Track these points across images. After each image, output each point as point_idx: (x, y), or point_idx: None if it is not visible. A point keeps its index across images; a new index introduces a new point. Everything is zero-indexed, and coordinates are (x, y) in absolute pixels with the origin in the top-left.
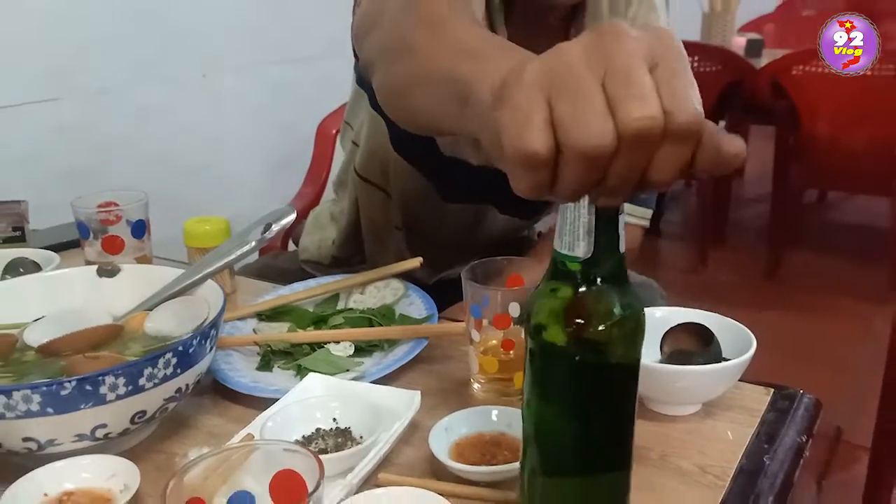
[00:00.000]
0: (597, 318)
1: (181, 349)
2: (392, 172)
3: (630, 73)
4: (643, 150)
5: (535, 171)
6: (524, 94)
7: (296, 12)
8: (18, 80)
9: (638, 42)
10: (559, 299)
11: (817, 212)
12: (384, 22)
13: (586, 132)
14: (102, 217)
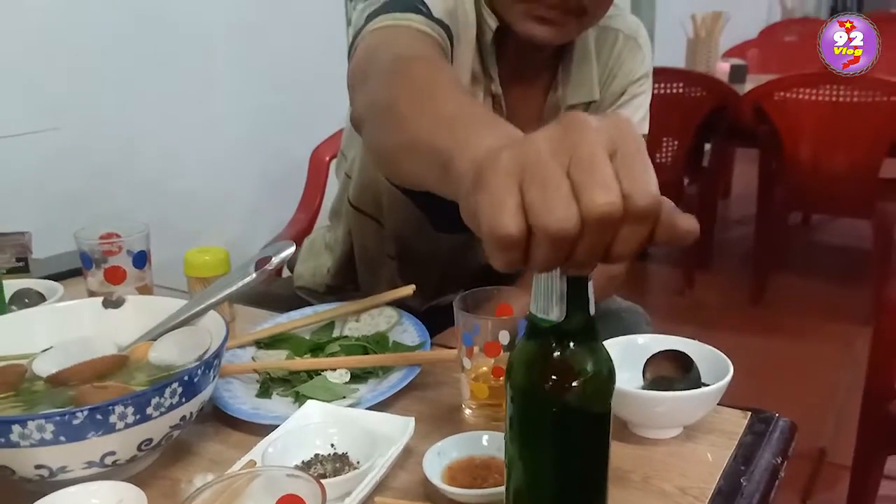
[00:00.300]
0: (569, 375)
1: (186, 378)
2: (385, 203)
3: (592, 161)
4: (605, 231)
5: (508, 251)
6: (499, 181)
7: (290, 39)
8: (19, 111)
9: (599, 133)
10: (535, 357)
11: (801, 234)
12: (372, 80)
13: (554, 216)
14: (105, 248)
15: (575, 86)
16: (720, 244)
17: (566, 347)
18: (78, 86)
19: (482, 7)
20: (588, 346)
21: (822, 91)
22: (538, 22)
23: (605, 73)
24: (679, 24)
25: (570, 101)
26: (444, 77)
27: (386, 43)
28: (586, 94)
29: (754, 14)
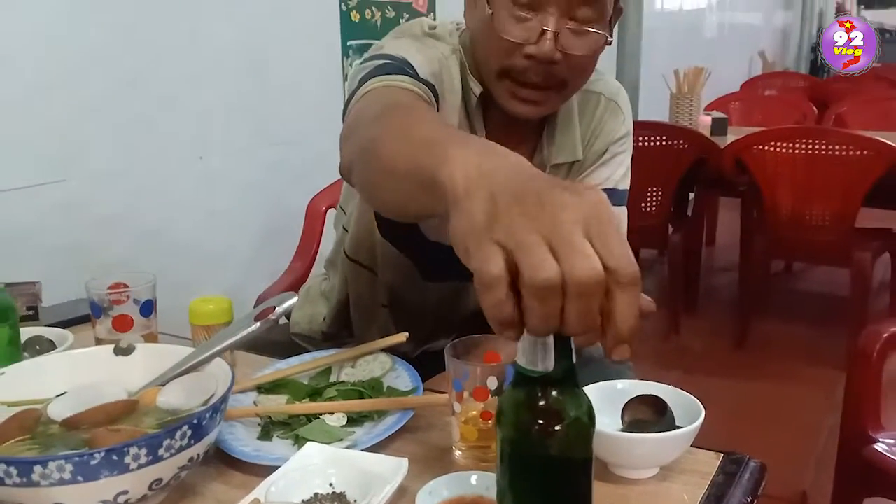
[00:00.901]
0: (554, 420)
1: (195, 422)
2: (379, 254)
3: (571, 237)
4: (589, 298)
5: (506, 329)
6: (486, 251)
7: (287, 95)
8: (25, 164)
9: (575, 210)
10: (522, 404)
11: (784, 280)
12: (360, 129)
13: (540, 271)
14: (113, 297)
15: (559, 146)
16: (705, 290)
17: (550, 395)
18: (81, 140)
19: (467, 74)
20: (570, 394)
21: (797, 144)
22: (521, 101)
23: (588, 134)
24: (662, 79)
25: (555, 161)
26: (422, 111)
27: (374, 99)
28: (570, 154)
29: (737, 67)
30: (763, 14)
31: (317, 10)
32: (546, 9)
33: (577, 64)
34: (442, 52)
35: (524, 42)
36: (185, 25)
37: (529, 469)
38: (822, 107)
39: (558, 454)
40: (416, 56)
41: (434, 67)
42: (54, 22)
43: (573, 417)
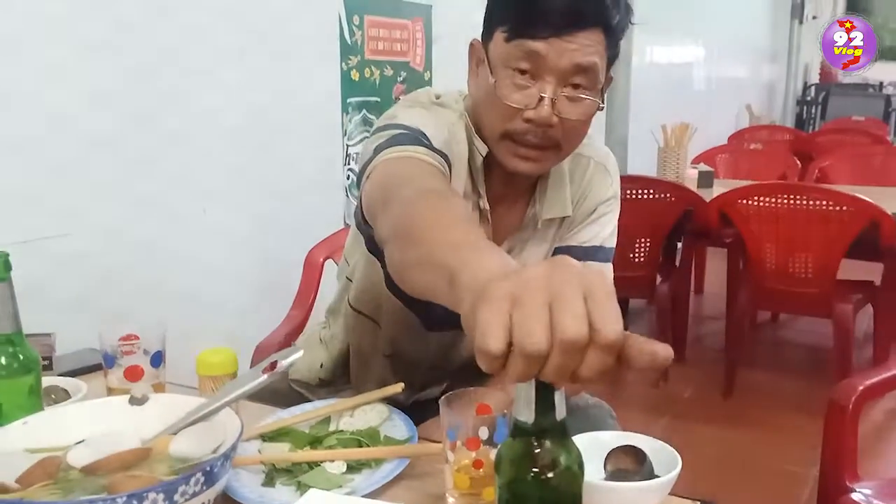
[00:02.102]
0: (546, 468)
1: (209, 469)
2: (384, 306)
3: (569, 298)
4: (572, 354)
5: (491, 361)
6: (493, 306)
7: (287, 150)
8: (34, 218)
9: (578, 277)
10: (517, 453)
11: (770, 330)
12: (394, 207)
13: (530, 339)
14: (125, 349)
15: (550, 203)
16: (694, 338)
17: (542, 445)
18: (85, 194)
19: (473, 136)
20: (560, 444)
21: (780, 200)
22: (521, 159)
23: (578, 194)
24: (650, 134)
25: (546, 216)
26: (455, 208)
27: (401, 172)
28: (560, 210)
29: (724, 120)
30: (749, 68)
31: (319, 69)
32: (544, 77)
33: (571, 127)
34: (450, 119)
35: (524, 107)
36: (189, 77)
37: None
38: (806, 159)
39: (550, 499)
40: (429, 126)
41: (445, 135)
42: (56, 70)
43: (564, 466)
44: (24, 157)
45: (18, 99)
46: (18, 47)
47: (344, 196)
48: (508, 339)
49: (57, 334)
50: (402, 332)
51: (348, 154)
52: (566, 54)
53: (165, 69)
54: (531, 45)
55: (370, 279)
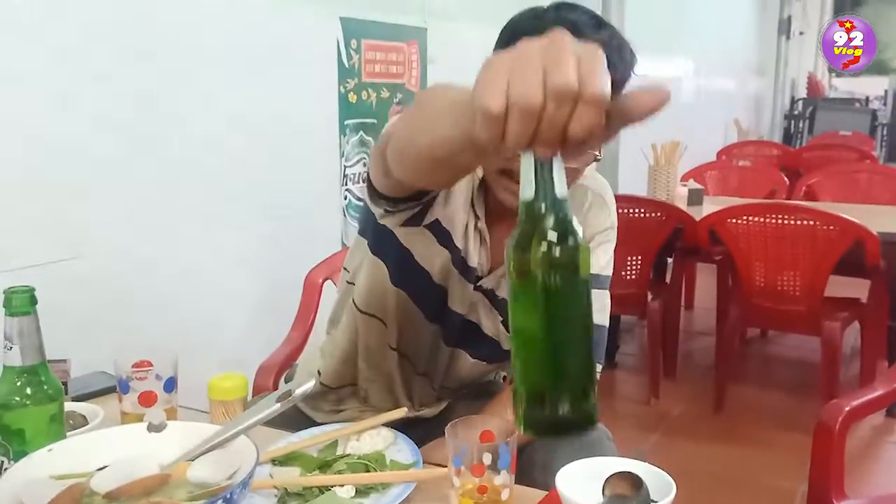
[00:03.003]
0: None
1: (229, 495)
2: (390, 306)
3: (562, 58)
4: (563, 105)
5: (491, 122)
6: (493, 68)
7: (287, 174)
8: (43, 243)
9: (573, 44)
10: (517, 233)
11: (759, 346)
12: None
13: (525, 91)
14: (140, 375)
15: None
16: (684, 354)
17: (545, 220)
18: (91, 220)
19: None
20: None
21: (768, 219)
22: (515, 196)
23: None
24: (641, 152)
25: None
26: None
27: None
28: None
29: (713, 134)
30: (737, 83)
31: (318, 92)
32: None
33: (568, 173)
34: None
35: None
36: (189, 101)
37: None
38: (793, 175)
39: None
40: None
41: None
42: (61, 97)
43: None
44: (32, 183)
45: (25, 126)
46: (24, 75)
47: (342, 216)
48: (504, 100)
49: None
50: (407, 325)
51: (345, 175)
52: None
53: (166, 94)
54: None
55: (375, 279)
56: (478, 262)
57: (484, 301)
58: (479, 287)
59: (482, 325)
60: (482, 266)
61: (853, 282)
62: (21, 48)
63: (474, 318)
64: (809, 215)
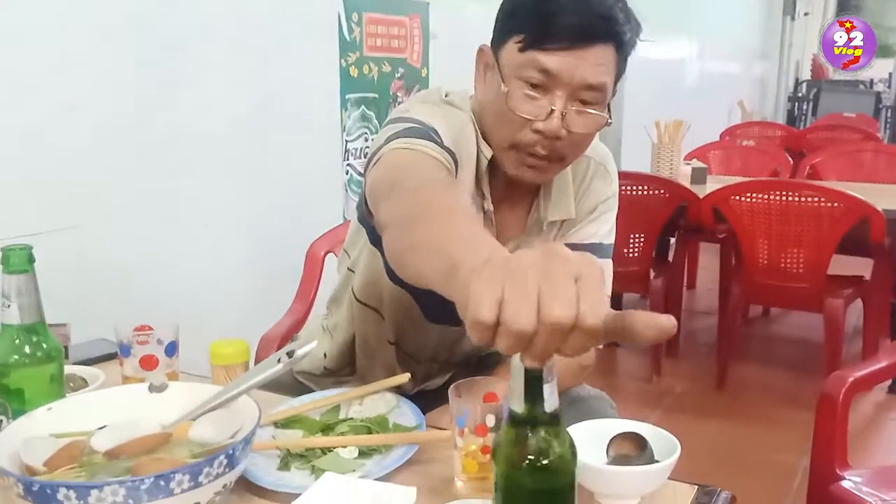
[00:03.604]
0: (539, 455)
1: (231, 452)
2: (386, 298)
3: (560, 283)
4: (556, 336)
5: (482, 332)
6: (488, 279)
7: (288, 147)
8: (44, 211)
9: (570, 263)
10: (513, 440)
11: (762, 325)
12: (397, 194)
13: (517, 319)
14: (140, 339)
15: (555, 205)
16: (686, 333)
17: (534, 434)
18: (92, 190)
19: (479, 139)
20: (552, 433)
21: (772, 196)
22: (526, 168)
23: (579, 194)
24: (644, 130)
25: (550, 219)
26: (459, 199)
27: (407, 164)
28: (564, 212)
29: (717, 116)
30: (741, 64)
31: (318, 65)
32: (555, 91)
33: (578, 141)
34: (461, 120)
35: (534, 118)
36: (190, 71)
37: (520, 498)
38: (797, 156)
39: (544, 485)
40: (441, 124)
41: (455, 135)
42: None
43: (556, 454)
44: (34, 150)
45: (26, 94)
46: (26, 41)
47: (343, 191)
48: (496, 314)
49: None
50: (406, 322)
51: (347, 150)
52: (578, 71)
53: (166, 64)
54: (544, 59)
55: (373, 271)
56: None
57: None
58: None
59: None
60: None
61: (855, 261)
62: (20, 13)
63: None
64: (814, 192)
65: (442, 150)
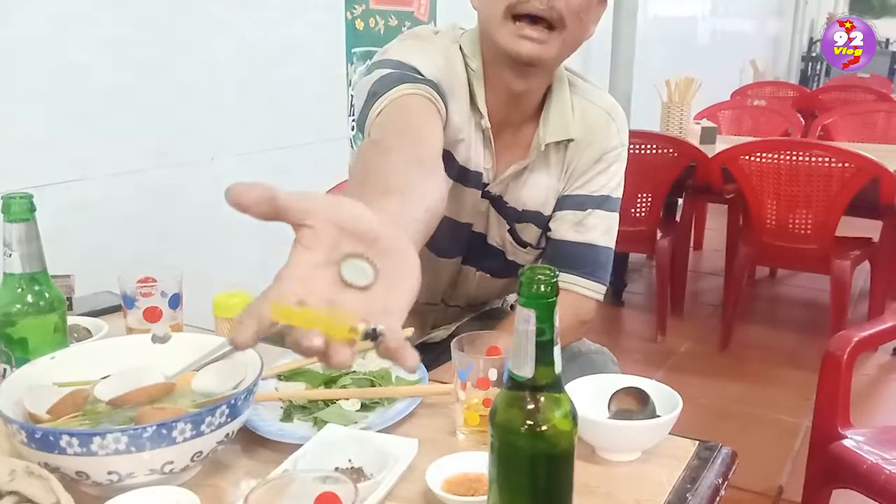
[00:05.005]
0: (539, 422)
1: (233, 402)
2: None
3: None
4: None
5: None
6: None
7: (294, 103)
8: (49, 164)
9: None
10: (512, 405)
11: (767, 286)
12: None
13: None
14: (144, 291)
15: (553, 127)
16: (692, 293)
17: (537, 399)
18: (98, 143)
19: (465, 55)
20: (555, 399)
21: (782, 156)
22: (525, 39)
23: (584, 140)
24: (654, 88)
25: (550, 140)
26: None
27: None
28: (563, 133)
29: (728, 75)
30: (755, 22)
31: (324, 19)
32: None
33: (574, 6)
34: (444, 44)
35: None
36: (196, 27)
37: (515, 463)
38: (809, 117)
39: (541, 452)
40: (419, 56)
41: (439, 61)
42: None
43: (556, 420)
44: (40, 105)
45: (29, 47)
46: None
47: (349, 146)
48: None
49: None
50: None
51: (353, 104)
52: None
53: (174, 20)
54: None
55: None
56: (483, 166)
57: (491, 208)
58: (486, 193)
59: (489, 234)
60: (488, 171)
61: (864, 222)
62: None
63: (481, 229)
64: (825, 153)
65: (418, 86)
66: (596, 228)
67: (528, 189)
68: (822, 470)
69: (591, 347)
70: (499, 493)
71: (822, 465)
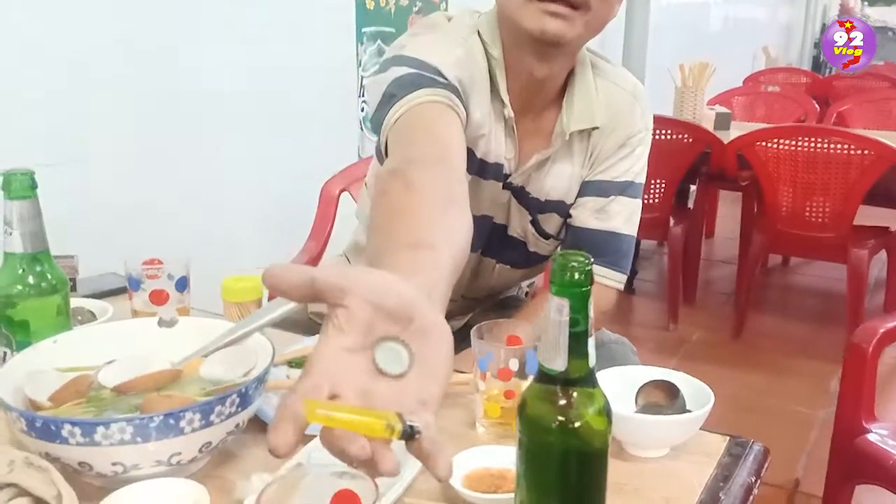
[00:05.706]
0: (572, 418)
1: (243, 391)
2: None
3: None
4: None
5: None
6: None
7: (302, 84)
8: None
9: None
10: (543, 400)
11: (781, 274)
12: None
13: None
14: (150, 273)
15: (578, 115)
16: (704, 282)
17: (570, 394)
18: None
19: (485, 43)
20: (588, 393)
21: (800, 142)
22: (550, 16)
23: (609, 125)
24: (668, 73)
25: (574, 128)
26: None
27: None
28: (588, 121)
29: (740, 62)
30: (767, 9)
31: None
32: None
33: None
34: (462, 35)
35: None
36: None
37: (546, 460)
38: (822, 104)
39: (573, 450)
40: (438, 54)
41: (457, 54)
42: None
43: (590, 416)
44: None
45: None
46: None
47: (358, 128)
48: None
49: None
50: None
51: (363, 86)
52: None
53: (180, 6)
54: None
55: None
56: (504, 156)
57: (512, 199)
58: (508, 185)
59: (510, 226)
60: (509, 161)
61: (884, 212)
62: None
63: (502, 220)
64: (845, 139)
65: (438, 91)
66: (618, 215)
67: (551, 178)
68: (846, 465)
69: (610, 338)
70: (527, 490)
71: (845, 461)
